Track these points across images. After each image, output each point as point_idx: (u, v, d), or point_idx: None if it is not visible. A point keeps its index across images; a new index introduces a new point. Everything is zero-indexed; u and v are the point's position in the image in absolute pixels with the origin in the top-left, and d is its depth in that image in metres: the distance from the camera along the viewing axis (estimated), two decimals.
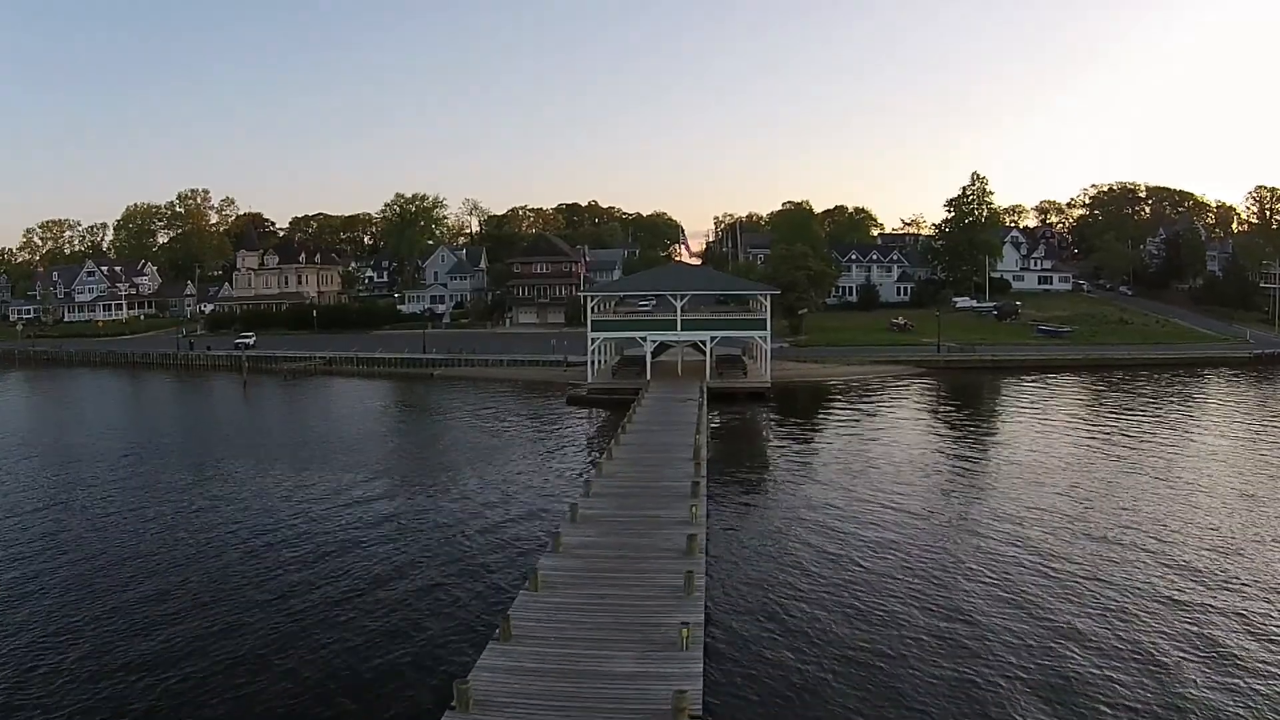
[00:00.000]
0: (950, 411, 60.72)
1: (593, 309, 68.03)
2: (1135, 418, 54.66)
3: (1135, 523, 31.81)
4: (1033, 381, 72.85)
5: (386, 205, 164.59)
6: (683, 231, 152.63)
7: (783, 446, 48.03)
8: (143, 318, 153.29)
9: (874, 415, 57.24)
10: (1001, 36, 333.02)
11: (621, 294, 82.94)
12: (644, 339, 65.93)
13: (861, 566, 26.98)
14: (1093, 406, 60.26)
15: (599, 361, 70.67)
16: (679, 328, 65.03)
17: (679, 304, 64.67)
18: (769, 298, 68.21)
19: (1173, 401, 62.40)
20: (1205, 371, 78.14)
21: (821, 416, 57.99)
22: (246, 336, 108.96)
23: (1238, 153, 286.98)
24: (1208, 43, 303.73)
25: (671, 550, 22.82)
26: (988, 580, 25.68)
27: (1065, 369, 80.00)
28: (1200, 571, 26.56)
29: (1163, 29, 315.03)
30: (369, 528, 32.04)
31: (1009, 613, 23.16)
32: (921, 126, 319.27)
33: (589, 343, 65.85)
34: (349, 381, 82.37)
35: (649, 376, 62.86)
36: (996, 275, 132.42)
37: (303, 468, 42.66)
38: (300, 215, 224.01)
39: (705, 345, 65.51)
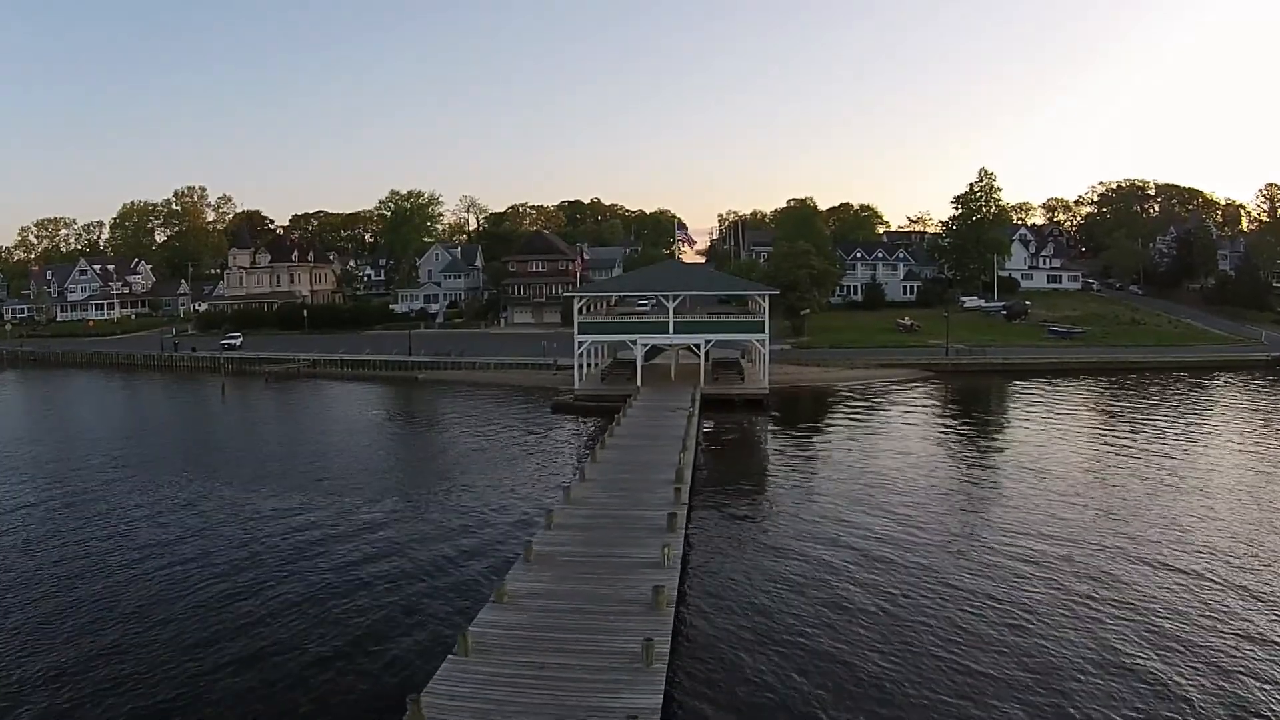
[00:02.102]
0: (963, 420, 56.86)
1: (582, 310, 64.64)
2: (1161, 426, 51.01)
3: (1182, 550, 28.21)
4: (1047, 386, 69.36)
5: (381, 202, 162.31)
6: (683, 227, 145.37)
7: (779, 462, 44.01)
8: (134, 317, 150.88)
9: (881, 425, 53.50)
10: (1005, 34, 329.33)
11: (611, 294, 79.33)
12: (634, 342, 62.36)
13: (869, 623, 22.40)
14: (1114, 414, 56.55)
15: (588, 365, 67.42)
16: (671, 330, 61.42)
17: (672, 305, 61.19)
18: (767, 298, 64.60)
19: (1197, 408, 58.84)
20: (1223, 375, 74.59)
21: (823, 426, 54.30)
22: (233, 337, 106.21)
23: (1244, 150, 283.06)
24: (1211, 40, 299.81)
25: (636, 603, 19.25)
26: (1033, 634, 21.55)
27: (1080, 372, 76.68)
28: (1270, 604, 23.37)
29: (1165, 27, 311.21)
30: (283, 566, 27.57)
31: (1065, 675, 19.42)
32: (927, 124, 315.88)
33: (576, 346, 62.22)
34: (331, 385, 79.08)
35: (639, 382, 59.39)
36: (1004, 274, 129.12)
37: (248, 486, 39.01)
38: (300, 213, 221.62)
39: (700, 349, 61.97)
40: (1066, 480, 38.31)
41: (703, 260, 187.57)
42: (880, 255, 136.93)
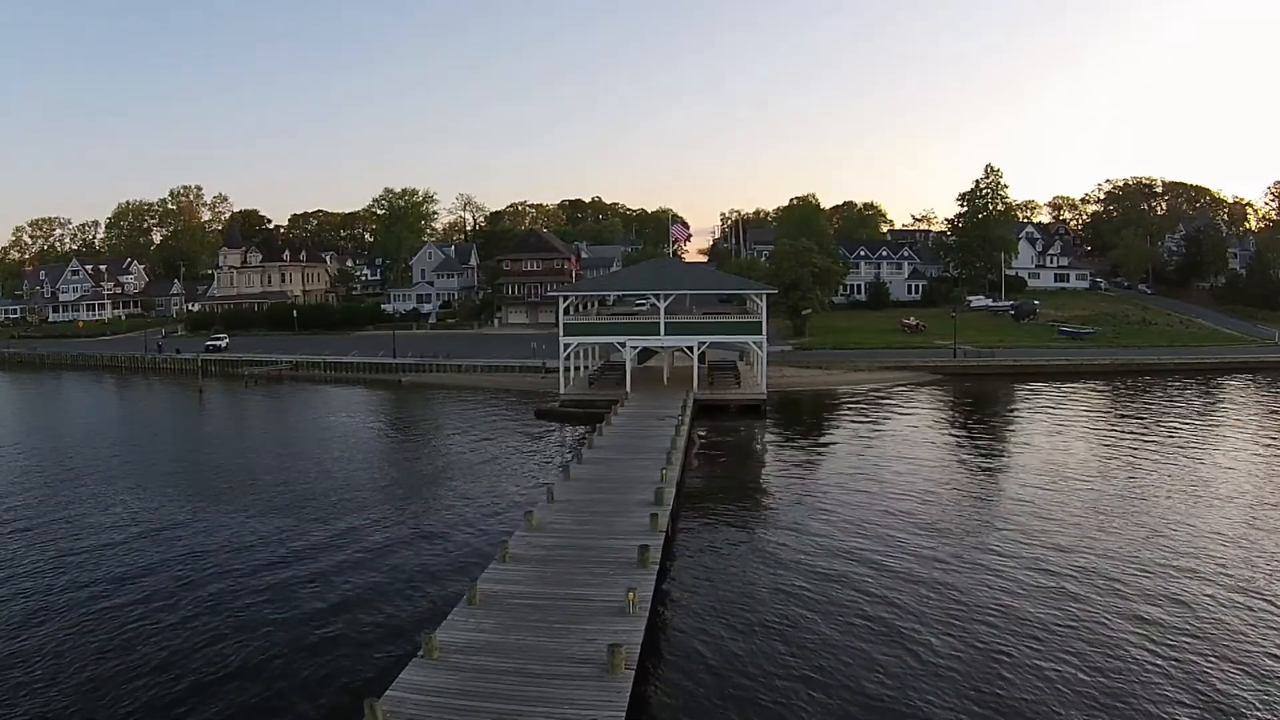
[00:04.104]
0: (976, 427, 53.38)
1: (569, 310, 61.42)
2: (1186, 433, 47.84)
3: (1232, 576, 24.94)
4: (1060, 389, 66.23)
5: (375, 200, 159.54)
6: (678, 222, 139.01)
7: (776, 476, 40.33)
8: (124, 318, 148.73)
9: (887, 432, 49.78)
10: (1009, 31, 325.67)
11: (596, 293, 75.82)
12: (622, 344, 59.02)
13: (883, 690, 17.92)
14: (1135, 420, 52.94)
15: (578, 368, 64.45)
16: (662, 331, 57.99)
17: (663, 304, 57.95)
18: (765, 297, 61.19)
19: (1220, 412, 55.66)
20: (1240, 376, 71.60)
21: (825, 434, 50.87)
22: (219, 338, 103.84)
23: (1250, 147, 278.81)
24: (1214, 38, 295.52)
25: (589, 664, 15.89)
26: (1089, 684, 18.18)
27: (1093, 375, 73.63)
28: None
29: (1169, 25, 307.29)
30: (169, 601, 23.70)
31: None
32: (930, 122, 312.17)
33: (561, 348, 58.80)
34: (311, 389, 76.00)
35: (628, 387, 56.07)
36: (1011, 272, 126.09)
37: (187, 500, 35.74)
38: (300, 212, 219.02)
39: (693, 351, 58.58)
40: (1096, 493, 34.97)
41: (705, 259, 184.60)
42: (884, 254, 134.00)
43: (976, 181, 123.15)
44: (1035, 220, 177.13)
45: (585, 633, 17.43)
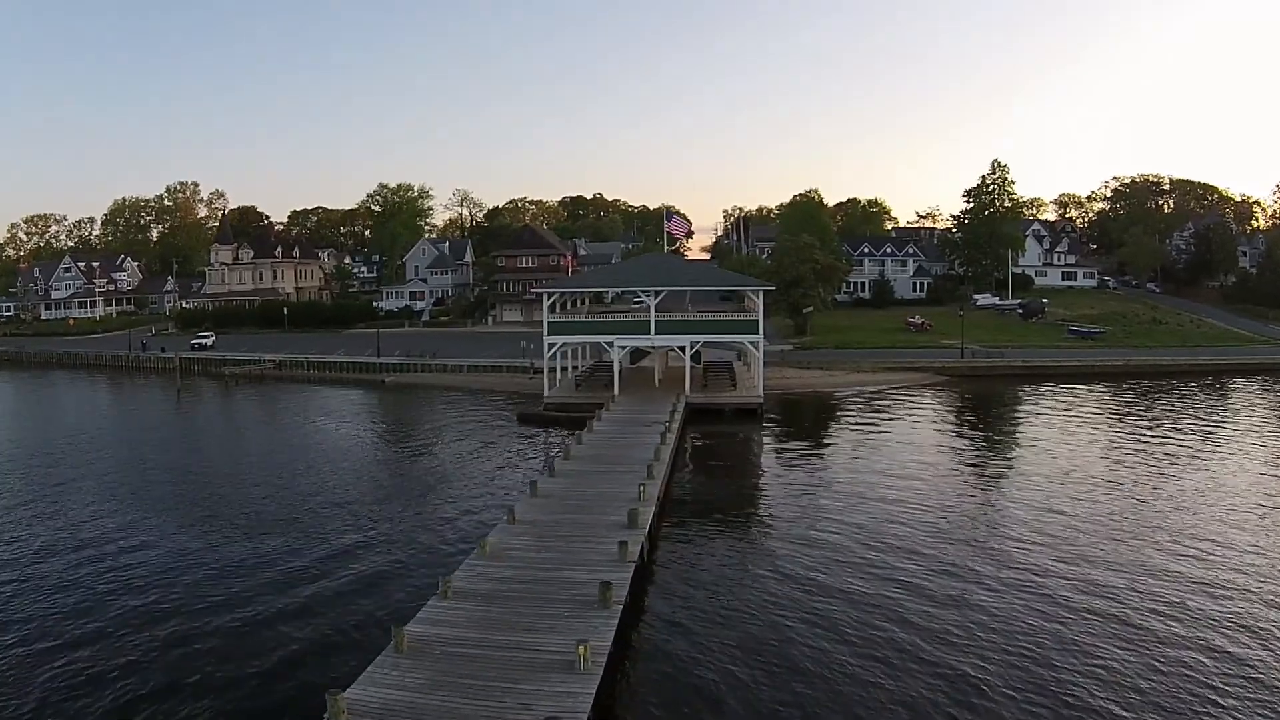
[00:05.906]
0: (988, 433, 50.16)
1: (555, 307, 58.45)
2: (1214, 439, 44.91)
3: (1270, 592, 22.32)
4: (1073, 391, 63.18)
5: (369, 195, 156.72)
6: (679, 218, 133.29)
7: (770, 489, 37.18)
8: (115, 315, 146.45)
9: (893, 438, 46.55)
10: (1014, 27, 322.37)
11: (584, 289, 72.40)
12: (610, 344, 56.05)
13: None
14: (1158, 424, 49.78)
15: (567, 369, 61.58)
16: (652, 330, 54.82)
17: (654, 302, 54.95)
18: (762, 294, 58.01)
19: (1244, 418, 52.48)
20: (1257, 378, 68.55)
21: (826, 440, 47.74)
22: (204, 336, 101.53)
23: (1255, 145, 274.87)
24: (1218, 35, 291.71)
25: None
26: None
27: (1105, 376, 70.56)
28: None
29: (1174, 22, 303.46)
30: (64, 643, 20.95)
31: None
32: (935, 118, 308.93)
33: (546, 348, 55.76)
34: (293, 389, 73.15)
35: (616, 390, 53.06)
36: (1018, 270, 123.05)
37: (126, 511, 33.23)
38: (299, 209, 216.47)
39: (686, 351, 55.53)
40: (1124, 503, 32.28)
41: (708, 256, 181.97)
42: (889, 251, 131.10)
43: (982, 177, 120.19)
44: (1041, 218, 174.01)
45: (522, 696, 14.52)
